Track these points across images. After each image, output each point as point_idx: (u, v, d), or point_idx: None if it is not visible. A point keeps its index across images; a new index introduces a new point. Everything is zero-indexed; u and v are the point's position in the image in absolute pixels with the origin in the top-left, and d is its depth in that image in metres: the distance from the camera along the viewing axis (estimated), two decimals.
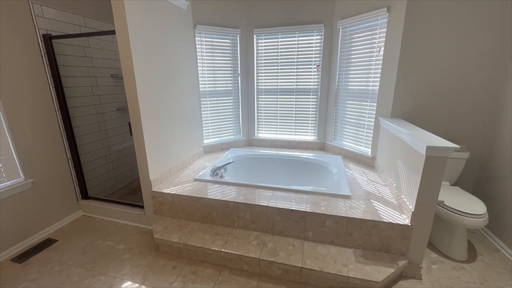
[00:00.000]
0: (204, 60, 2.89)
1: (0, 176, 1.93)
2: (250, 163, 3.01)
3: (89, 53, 2.54)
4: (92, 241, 2.17)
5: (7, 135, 1.95)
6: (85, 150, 2.56)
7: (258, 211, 1.92)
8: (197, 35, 2.77)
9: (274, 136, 3.32)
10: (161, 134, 2.25)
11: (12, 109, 1.96)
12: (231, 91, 3.16)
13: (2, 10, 1.86)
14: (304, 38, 2.89)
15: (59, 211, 2.37)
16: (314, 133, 3.17)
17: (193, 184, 2.28)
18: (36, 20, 2.06)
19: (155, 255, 1.99)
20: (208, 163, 2.81)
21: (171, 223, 2.13)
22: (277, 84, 3.11)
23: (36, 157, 2.15)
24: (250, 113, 3.31)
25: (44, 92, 2.18)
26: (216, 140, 3.22)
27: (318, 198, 1.98)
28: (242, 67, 3.12)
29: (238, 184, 2.23)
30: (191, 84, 2.72)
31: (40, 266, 1.90)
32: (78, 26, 2.41)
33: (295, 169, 2.89)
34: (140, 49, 1.93)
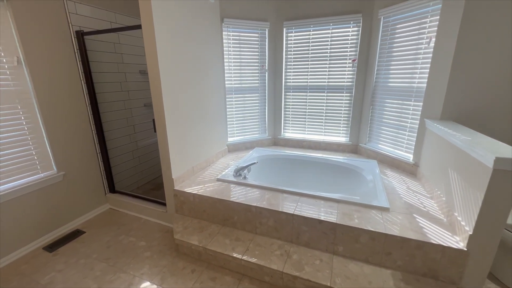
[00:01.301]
0: (231, 55, 2.78)
1: (35, 168, 2.02)
2: (275, 164, 2.86)
3: (119, 49, 2.57)
4: (116, 236, 2.19)
5: (42, 129, 2.03)
6: (113, 145, 2.60)
7: (282, 218, 1.77)
8: (224, 29, 2.67)
9: (302, 136, 3.12)
10: (185, 131, 2.19)
11: (47, 104, 2.03)
12: (257, 87, 3.02)
13: (39, 8, 1.91)
14: (339, 30, 2.64)
15: (87, 203, 2.44)
16: (346, 134, 2.91)
17: (215, 184, 2.20)
18: (70, 17, 2.11)
19: (174, 256, 1.94)
20: (232, 162, 2.71)
21: (191, 223, 2.06)
22: (307, 80, 2.90)
23: (68, 150, 2.21)
24: (277, 111, 3.15)
25: (76, 88, 2.23)
26: (240, 138, 3.12)
27: (351, 209, 1.77)
28: (269, 63, 2.96)
29: (262, 187, 2.10)
30: (216, 80, 2.63)
31: (68, 257, 1.95)
32: (109, 23, 2.44)
33: (324, 173, 2.68)
34: (166, 44, 1.87)
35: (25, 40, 1.85)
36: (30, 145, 1.97)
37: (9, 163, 1.86)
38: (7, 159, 1.85)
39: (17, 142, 1.89)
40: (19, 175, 1.92)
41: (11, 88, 1.82)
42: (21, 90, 1.88)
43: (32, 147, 1.98)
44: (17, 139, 1.89)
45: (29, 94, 1.93)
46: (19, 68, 1.85)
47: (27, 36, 1.86)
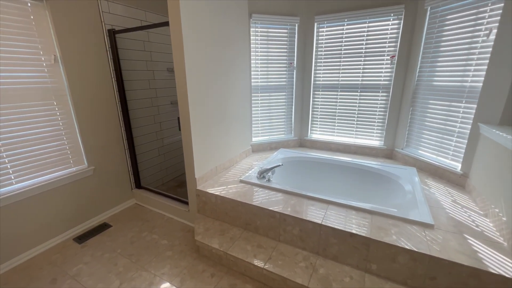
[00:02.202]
0: (258, 52, 2.68)
1: (68, 162, 2.10)
2: (300, 166, 2.71)
3: (149, 47, 2.60)
4: (140, 232, 2.22)
5: (75, 124, 2.10)
6: (140, 141, 2.65)
7: (309, 227, 1.64)
8: (252, 25, 2.58)
9: (330, 138, 2.94)
10: (209, 130, 2.15)
11: (80, 101, 2.10)
12: (284, 86, 2.89)
13: (75, 8, 1.97)
14: (377, 23, 2.41)
15: (115, 197, 2.51)
16: (381, 137, 2.67)
17: (238, 186, 2.12)
18: (103, 16, 2.16)
19: (195, 257, 1.90)
20: (256, 162, 2.62)
21: (213, 225, 2.01)
22: (338, 79, 2.71)
23: (98, 146, 2.28)
24: (304, 111, 2.99)
25: (107, 86, 2.29)
26: (265, 138, 3.02)
27: (387, 222, 1.58)
28: (298, 60, 2.81)
29: (287, 192, 1.98)
30: (242, 78, 2.55)
31: (95, 250, 2.01)
32: (139, 21, 2.47)
33: (354, 179, 2.48)
34: (192, 41, 1.82)
35: (62, 39, 1.92)
36: (64, 140, 2.05)
37: (45, 156, 1.95)
38: (44, 153, 1.94)
39: (53, 137, 1.98)
40: (54, 168, 2.01)
41: (48, 85, 1.90)
42: (57, 87, 1.96)
43: (66, 142, 2.06)
44: (53, 134, 1.98)
45: (64, 91, 2.00)
46: (55, 66, 1.93)
47: (64, 35, 1.93)
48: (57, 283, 1.70)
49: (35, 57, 1.82)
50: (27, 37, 1.76)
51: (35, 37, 1.80)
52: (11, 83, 1.72)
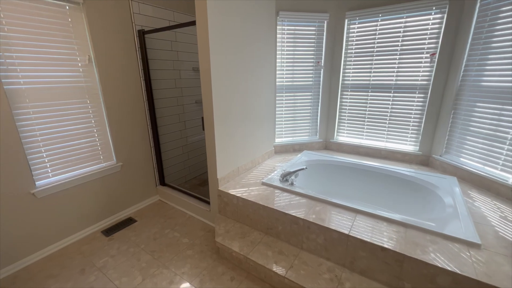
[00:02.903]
0: (284, 51, 2.60)
1: (98, 158, 2.20)
2: (325, 170, 2.59)
3: (175, 47, 2.63)
4: (163, 229, 2.26)
5: (106, 122, 2.19)
6: (165, 139, 2.70)
7: (334, 237, 1.54)
8: (279, 23, 2.50)
9: (359, 141, 2.77)
10: (232, 130, 2.12)
11: (110, 99, 2.18)
12: (310, 85, 2.78)
13: (108, 9, 2.05)
14: (416, 18, 2.21)
15: (140, 193, 2.59)
16: (416, 142, 2.46)
17: (260, 188, 2.07)
18: (133, 17, 2.22)
19: (215, 259, 1.89)
20: (278, 164, 2.55)
21: (234, 227, 1.98)
22: (370, 78, 2.54)
23: (125, 143, 2.36)
24: (331, 112, 2.85)
25: (135, 85, 2.36)
26: (289, 140, 2.93)
27: (424, 238, 1.43)
28: (326, 59, 2.69)
29: (311, 197, 1.88)
30: (267, 78, 2.49)
31: (120, 243, 2.08)
32: (167, 21, 2.51)
33: (385, 187, 2.31)
34: (218, 40, 1.80)
35: (96, 40, 2.00)
36: (95, 136, 2.15)
37: (79, 152, 2.05)
38: (77, 148, 2.04)
39: (86, 134, 2.08)
40: (86, 164, 2.11)
41: (82, 85, 2.00)
42: (91, 86, 2.05)
43: (97, 138, 2.16)
44: (86, 131, 2.07)
45: (97, 90, 2.09)
46: (89, 66, 2.02)
47: (97, 36, 2.01)
48: (85, 274, 1.77)
49: (71, 57, 1.91)
50: (65, 39, 1.86)
51: (72, 38, 1.89)
52: (50, 82, 1.82)
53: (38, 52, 1.74)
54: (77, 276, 1.76)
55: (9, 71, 1.63)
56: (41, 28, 1.73)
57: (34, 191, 1.82)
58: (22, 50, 1.67)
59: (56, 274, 1.77)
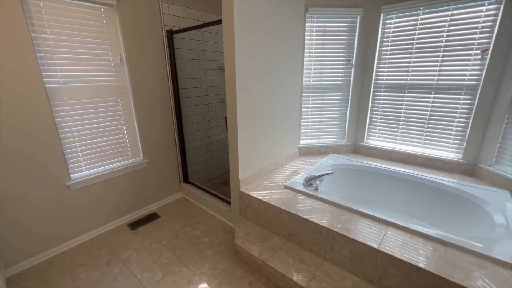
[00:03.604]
0: (312, 49, 2.49)
1: (127, 154, 2.29)
2: (354, 176, 2.43)
3: (202, 46, 2.65)
4: (184, 226, 2.29)
5: (135, 120, 2.27)
6: (190, 138, 2.74)
7: (362, 251, 1.42)
8: (308, 20, 2.39)
9: (392, 146, 2.56)
10: (255, 131, 2.07)
11: (139, 98, 2.25)
12: (340, 85, 2.63)
13: (140, 10, 2.11)
14: (465, 10, 1.97)
15: (164, 190, 2.66)
16: (459, 148, 2.20)
17: (282, 192, 2.00)
18: (163, 17, 2.26)
19: (234, 261, 1.86)
20: (303, 167, 2.45)
21: (254, 230, 1.93)
22: (407, 78, 2.32)
23: (152, 140, 2.43)
24: (361, 113, 2.67)
25: (163, 84, 2.41)
26: (314, 142, 2.81)
27: (468, 260, 1.25)
28: (358, 57, 2.52)
29: (337, 205, 1.77)
30: (294, 77, 2.40)
31: (144, 238, 2.14)
32: (195, 21, 2.53)
33: (421, 197, 2.10)
34: (244, 38, 1.76)
35: (127, 40, 2.07)
36: (125, 133, 2.23)
37: (109, 148, 2.15)
38: (108, 145, 2.14)
39: (116, 131, 2.17)
40: (115, 159, 2.21)
41: (114, 83, 2.08)
42: (121, 85, 2.13)
43: (126, 135, 2.25)
44: (116, 128, 2.17)
45: (127, 89, 2.17)
46: (121, 65, 2.10)
47: (128, 36, 2.08)
48: (111, 265, 1.85)
49: (105, 58, 2.00)
50: (100, 40, 1.95)
51: (105, 39, 1.98)
52: (85, 81, 1.92)
53: (75, 53, 1.84)
54: (103, 266, 1.84)
55: (49, 71, 1.75)
56: (79, 30, 1.83)
57: (69, 184, 1.94)
58: (61, 51, 1.78)
59: (86, 263, 1.87)
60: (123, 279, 1.72)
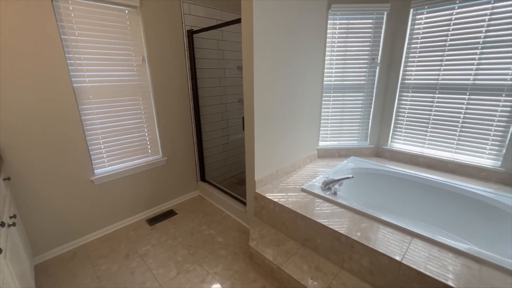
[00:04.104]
0: (335, 47, 2.39)
1: (147, 151, 2.35)
2: (376, 181, 2.31)
3: (222, 46, 2.65)
4: (200, 224, 2.31)
5: (155, 118, 2.33)
6: (207, 137, 2.76)
7: (383, 262, 1.33)
8: (330, 17, 2.30)
9: (419, 150, 2.39)
10: (273, 131, 2.03)
11: (159, 97, 2.30)
12: (363, 85, 2.50)
13: (161, 11, 2.15)
14: (508, 3, 1.77)
15: (182, 187, 2.70)
16: (497, 155, 2.00)
17: (299, 195, 1.94)
18: (183, 17, 2.29)
19: (247, 263, 1.84)
20: (321, 169, 2.37)
21: (269, 232, 1.90)
22: (438, 77, 2.15)
23: (171, 139, 2.48)
24: (386, 115, 2.53)
25: (183, 83, 2.45)
26: (334, 143, 2.70)
27: (506, 281, 1.12)
28: (383, 55, 2.38)
29: (357, 211, 1.67)
30: (314, 77, 2.32)
31: (161, 234, 2.19)
32: (215, 20, 2.54)
33: (451, 208, 1.94)
34: (263, 37, 1.72)
35: (149, 40, 2.13)
36: (145, 131, 2.30)
37: (130, 145, 2.22)
38: (129, 142, 2.21)
39: (137, 129, 2.24)
40: (136, 156, 2.28)
41: (136, 83, 2.14)
42: (143, 84, 2.19)
43: (146, 133, 2.31)
44: (137, 126, 2.23)
45: (148, 88, 2.23)
46: (143, 65, 2.15)
47: (150, 37, 2.13)
48: (129, 259, 1.91)
49: (128, 58, 2.06)
50: (124, 41, 2.01)
51: (129, 40, 2.04)
52: (109, 80, 2.00)
53: (100, 54, 1.92)
54: (122, 260, 1.90)
55: (77, 70, 1.83)
56: (104, 31, 1.90)
57: (93, 178, 2.03)
58: (88, 52, 1.86)
59: (106, 255, 1.95)
60: (139, 274, 1.76)
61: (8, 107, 1.59)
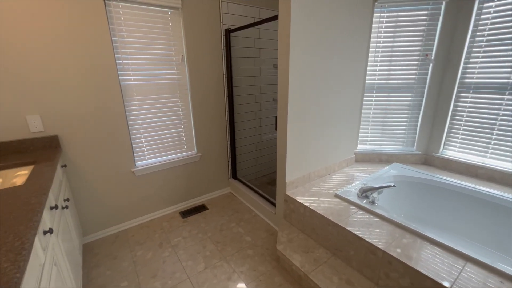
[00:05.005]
0: (380, 43, 2.19)
1: (182, 147, 2.45)
2: (421, 192, 2.06)
3: (258, 44, 2.63)
4: (229, 221, 2.33)
5: (191, 115, 2.41)
6: (240, 135, 2.78)
7: (426, 286, 1.16)
8: (377, 10, 2.11)
9: (479, 160, 2.07)
10: (307, 132, 1.94)
11: (196, 95, 2.38)
12: (412, 84, 2.25)
13: (201, 12, 2.21)
14: None
15: (214, 184, 2.76)
16: None
17: (332, 200, 1.82)
18: (222, 17, 2.32)
19: (274, 266, 1.79)
20: (358, 175, 2.20)
21: (298, 237, 1.83)
22: (510, 76, 1.82)
23: (205, 135, 2.55)
24: (439, 118, 2.24)
25: (219, 82, 2.49)
26: (374, 147, 2.49)
27: None
28: (438, 51, 2.10)
29: (398, 224, 1.51)
30: (355, 75, 2.16)
31: (192, 227, 2.27)
32: (253, 18, 2.52)
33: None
34: (300, 34, 1.65)
35: (189, 40, 2.20)
36: (182, 128, 2.40)
37: (168, 140, 2.34)
38: (167, 137, 2.33)
39: (175, 125, 2.34)
40: (172, 151, 2.40)
41: (175, 81, 2.24)
42: (181, 82, 2.28)
43: (183, 130, 2.41)
44: (175, 123, 2.34)
45: (186, 86, 2.32)
46: (182, 64, 2.24)
47: (190, 37, 2.20)
48: (162, 248, 2.01)
49: (169, 57, 2.17)
50: (165, 41, 2.12)
51: (170, 40, 2.14)
52: (151, 79, 2.12)
53: (144, 54, 2.04)
54: (156, 248, 2.02)
55: (124, 70, 1.98)
56: (149, 32, 2.02)
57: (134, 170, 2.18)
58: (134, 52, 2.00)
59: (143, 242, 2.09)
60: (170, 263, 1.85)
61: (67, 103, 1.79)
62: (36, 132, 1.72)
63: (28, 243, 0.78)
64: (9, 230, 0.84)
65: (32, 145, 1.71)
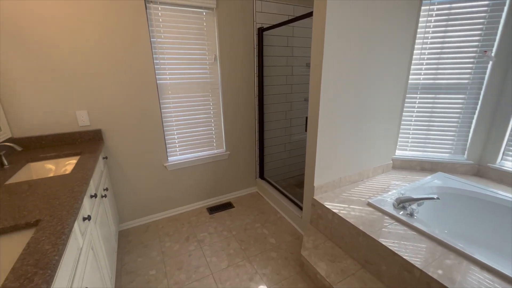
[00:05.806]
0: (428, 38, 1.98)
1: (212, 145, 2.51)
2: (471, 207, 1.82)
3: (291, 43, 2.57)
4: (254, 221, 2.32)
5: (221, 114, 2.45)
6: (270, 135, 2.75)
7: None
8: (425, 2, 1.91)
9: None
10: (339, 135, 1.84)
11: (227, 94, 2.40)
12: (465, 85, 2.00)
13: (235, 11, 2.22)
14: None
15: (241, 182, 2.78)
16: None
17: (364, 209, 1.70)
18: (255, 15, 2.31)
19: (297, 272, 1.73)
20: (395, 183, 2.03)
21: (324, 244, 1.74)
22: None
23: (234, 134, 2.57)
24: (498, 123, 1.95)
25: (250, 81, 2.49)
26: (416, 154, 2.27)
27: None
28: (500, 47, 1.83)
29: (440, 242, 1.34)
30: (396, 74, 1.99)
31: (218, 223, 2.31)
32: (286, 16, 2.47)
33: None
34: (336, 30, 1.55)
35: (222, 40, 2.23)
36: (212, 126, 2.45)
37: (199, 138, 2.41)
38: (198, 135, 2.40)
39: (205, 123, 2.40)
40: (202, 148, 2.46)
41: (207, 80, 2.30)
42: (213, 81, 2.33)
43: (213, 128, 2.46)
44: (206, 121, 2.40)
45: (218, 85, 2.36)
46: (214, 64, 2.28)
47: (223, 36, 2.23)
48: (188, 241, 2.08)
49: (202, 57, 2.22)
50: (200, 41, 2.17)
51: (204, 40, 2.19)
52: (185, 78, 2.20)
53: (180, 54, 2.12)
54: (183, 241, 2.09)
55: (160, 69, 2.08)
56: (184, 33, 2.09)
57: (166, 164, 2.29)
58: (170, 52, 2.08)
59: (171, 234, 2.18)
60: (195, 258, 1.90)
61: (110, 100, 1.93)
62: (83, 126, 1.89)
63: (68, 229, 0.85)
64: (54, 214, 0.93)
65: (80, 138, 1.89)
